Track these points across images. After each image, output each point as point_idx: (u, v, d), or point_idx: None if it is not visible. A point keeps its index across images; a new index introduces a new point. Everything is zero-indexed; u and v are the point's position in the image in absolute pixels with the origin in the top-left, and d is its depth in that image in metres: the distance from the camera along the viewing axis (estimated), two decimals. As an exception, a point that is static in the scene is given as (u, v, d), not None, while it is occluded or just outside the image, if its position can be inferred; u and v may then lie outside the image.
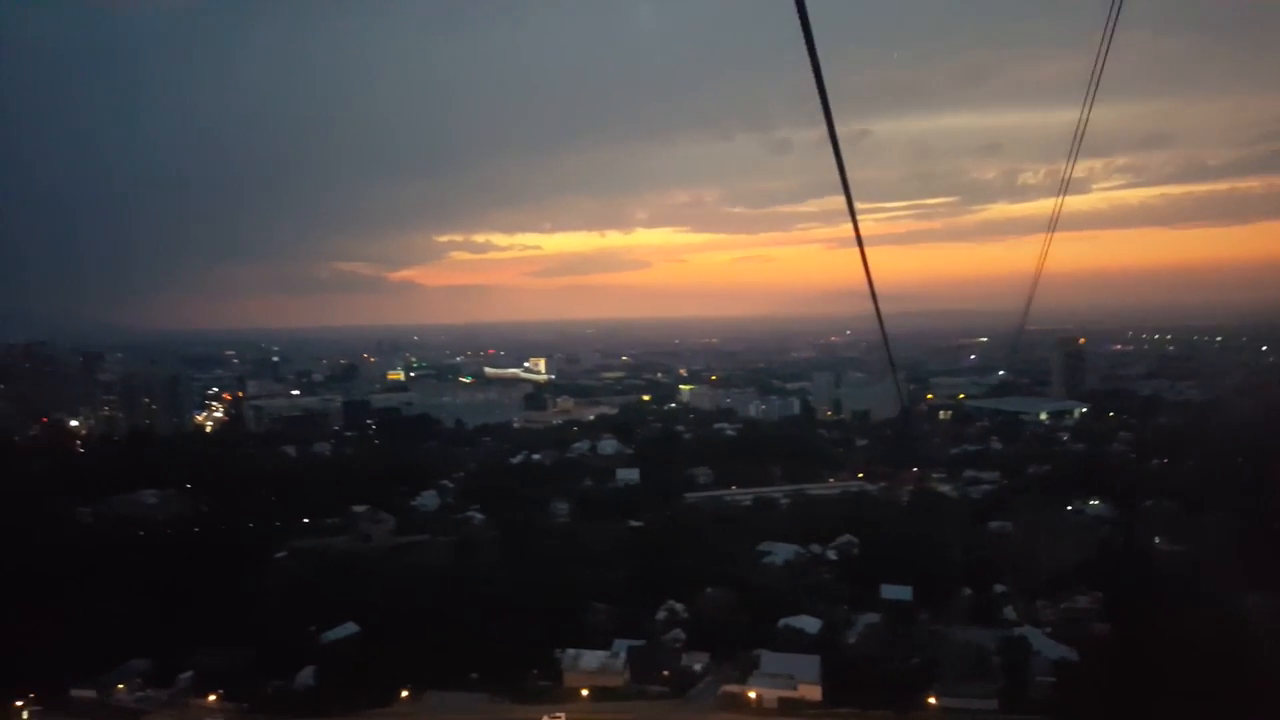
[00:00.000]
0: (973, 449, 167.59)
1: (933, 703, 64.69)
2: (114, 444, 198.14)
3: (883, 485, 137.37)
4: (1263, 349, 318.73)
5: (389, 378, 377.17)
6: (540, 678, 71.67)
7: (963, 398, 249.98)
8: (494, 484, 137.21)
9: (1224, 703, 51.23)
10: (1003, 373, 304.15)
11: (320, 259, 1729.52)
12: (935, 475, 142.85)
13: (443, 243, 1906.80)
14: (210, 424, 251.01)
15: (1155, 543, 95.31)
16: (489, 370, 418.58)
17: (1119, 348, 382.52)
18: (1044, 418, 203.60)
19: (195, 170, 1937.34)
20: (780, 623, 76.41)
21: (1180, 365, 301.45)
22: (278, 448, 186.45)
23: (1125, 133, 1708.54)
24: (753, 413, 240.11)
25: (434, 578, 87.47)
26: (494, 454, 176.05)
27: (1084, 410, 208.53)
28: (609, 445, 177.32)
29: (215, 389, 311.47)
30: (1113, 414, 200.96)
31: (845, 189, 9.13)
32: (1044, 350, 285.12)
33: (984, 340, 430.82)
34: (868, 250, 11.08)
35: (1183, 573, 79.07)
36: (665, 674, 71.95)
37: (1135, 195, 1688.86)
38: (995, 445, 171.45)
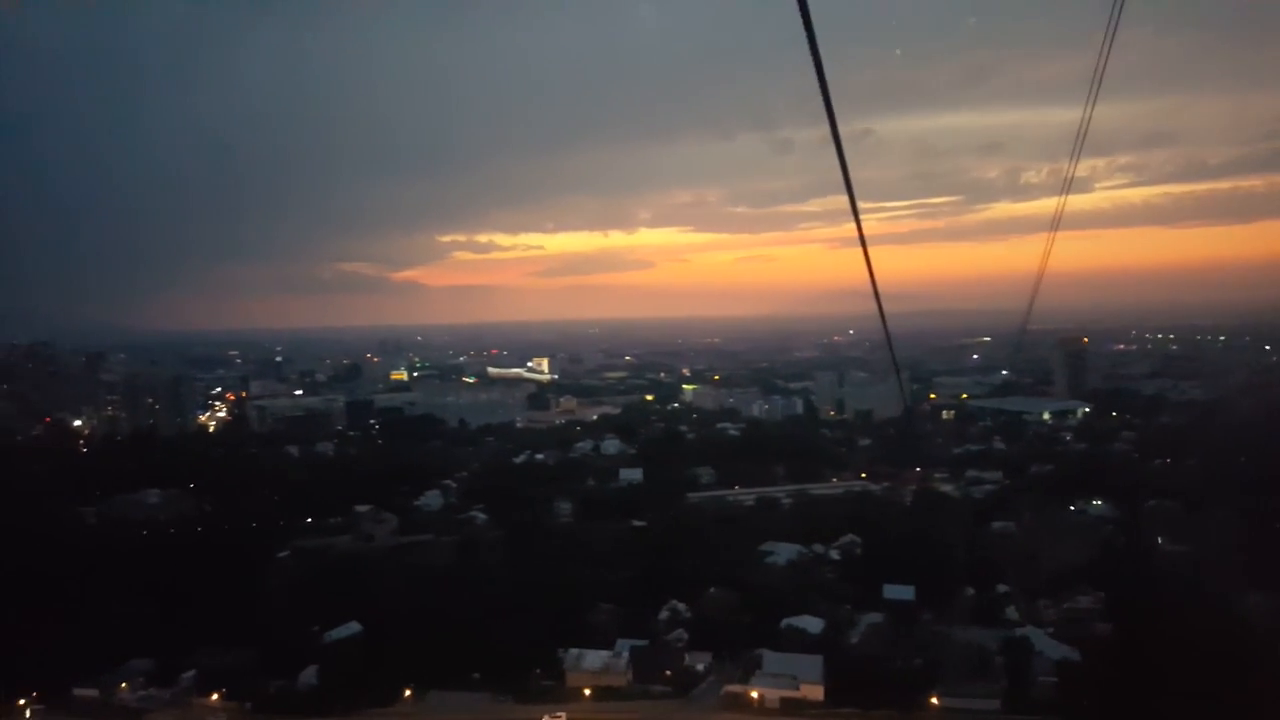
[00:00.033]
0: (975, 449, 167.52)
1: (935, 703, 64.55)
2: (117, 444, 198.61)
3: (885, 485, 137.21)
4: (1266, 348, 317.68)
5: (392, 378, 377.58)
6: (543, 677, 71.64)
7: (965, 397, 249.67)
8: (497, 484, 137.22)
9: (1226, 703, 51.15)
10: (1005, 372, 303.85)
11: (323, 259, 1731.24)
12: (938, 475, 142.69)
13: (445, 243, 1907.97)
14: (213, 424, 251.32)
15: (1158, 543, 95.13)
16: (492, 370, 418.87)
17: (1122, 347, 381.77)
18: (1047, 417, 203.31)
19: (198, 170, 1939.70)
20: (783, 623, 76.37)
21: (1183, 365, 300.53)
22: (281, 447, 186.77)
23: (1127, 131, 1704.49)
24: (756, 412, 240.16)
25: (437, 577, 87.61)
26: (497, 454, 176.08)
27: (1086, 410, 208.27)
28: (612, 445, 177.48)
29: (218, 389, 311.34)
30: (1115, 414, 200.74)
31: (848, 188, 9.12)
32: (1046, 350, 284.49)
33: (987, 340, 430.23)
34: (870, 250, 11.09)
35: (1185, 573, 79.12)
36: (668, 674, 71.91)
37: (1138, 194, 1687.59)
38: (998, 445, 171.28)
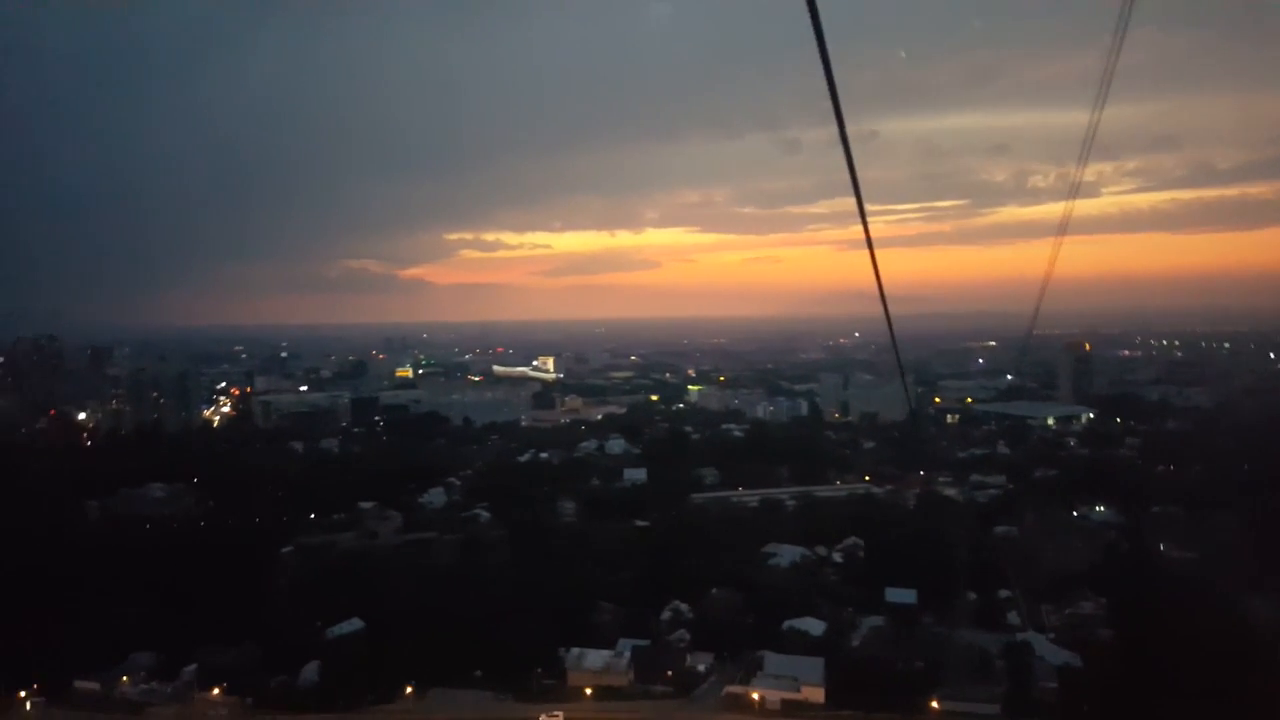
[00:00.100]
0: (980, 453, 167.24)
1: (936, 706, 64.58)
2: (122, 439, 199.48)
3: (889, 488, 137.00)
4: (1270, 355, 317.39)
5: (397, 375, 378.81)
6: (545, 676, 71.78)
7: (970, 401, 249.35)
8: (501, 482, 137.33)
9: (1228, 708, 51.09)
10: (1010, 376, 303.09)
11: (330, 257, 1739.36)
12: (942, 478, 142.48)
13: (452, 241, 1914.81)
14: (218, 419, 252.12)
15: (1161, 548, 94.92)
16: (497, 369, 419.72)
17: (1127, 353, 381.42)
18: (1051, 422, 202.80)
19: (206, 168, 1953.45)
20: (785, 624, 76.44)
21: (1188, 371, 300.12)
22: (285, 444, 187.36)
23: (1135, 135, 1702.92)
24: (760, 414, 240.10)
25: (440, 575, 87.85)
26: (501, 452, 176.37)
27: (1091, 415, 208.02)
28: (617, 445, 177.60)
29: (223, 385, 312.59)
30: (1120, 419, 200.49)
31: (856, 190, 9.20)
32: (1052, 355, 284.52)
33: (992, 344, 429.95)
34: (877, 252, 11.16)
35: (1188, 578, 78.97)
36: (670, 674, 72.01)
37: (1145, 199, 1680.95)
38: (1002, 449, 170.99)
